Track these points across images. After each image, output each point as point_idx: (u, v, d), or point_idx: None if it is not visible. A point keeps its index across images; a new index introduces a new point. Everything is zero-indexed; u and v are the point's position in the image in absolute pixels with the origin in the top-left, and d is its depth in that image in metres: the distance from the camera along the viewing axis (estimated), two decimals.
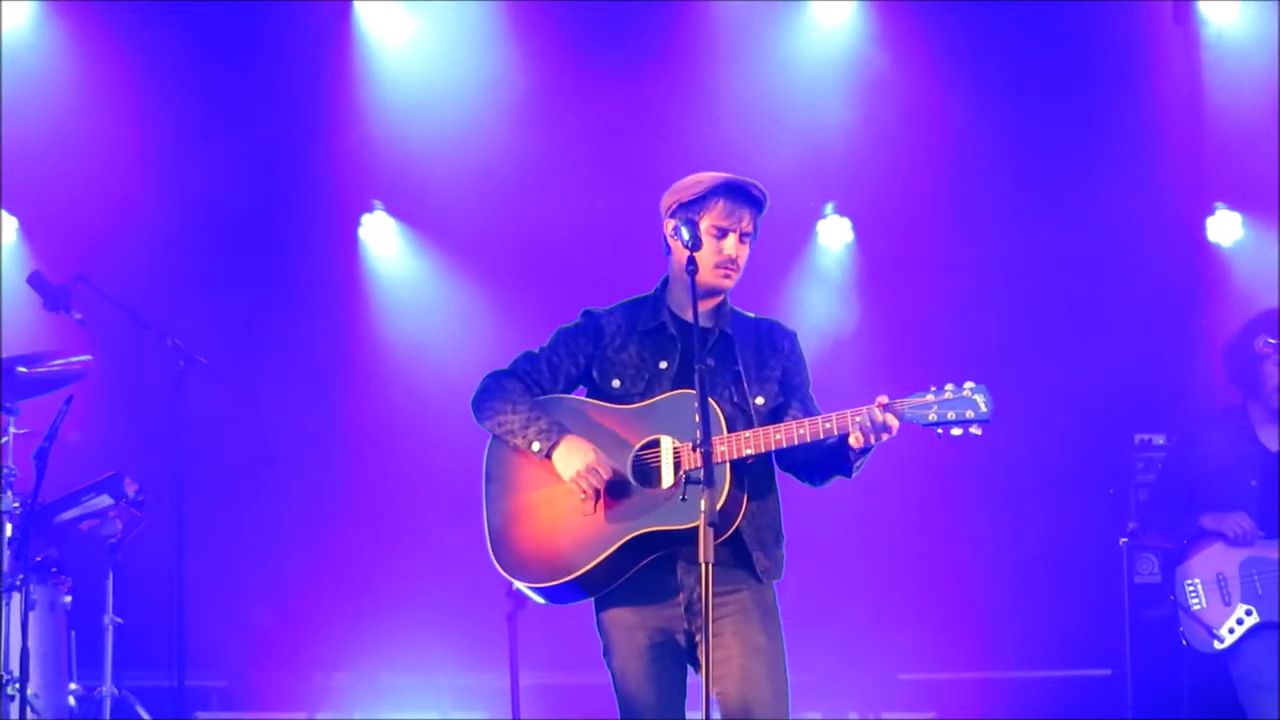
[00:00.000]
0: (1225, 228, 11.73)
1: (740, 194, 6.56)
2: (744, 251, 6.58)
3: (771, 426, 6.42)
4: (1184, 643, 8.88)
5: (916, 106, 11.54)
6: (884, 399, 6.33)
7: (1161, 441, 10.42)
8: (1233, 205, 11.70)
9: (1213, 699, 9.13)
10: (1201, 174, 11.75)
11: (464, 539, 7.77)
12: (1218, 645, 8.74)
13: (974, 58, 11.52)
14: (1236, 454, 8.95)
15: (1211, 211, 11.72)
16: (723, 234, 6.53)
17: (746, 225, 6.56)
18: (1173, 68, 11.73)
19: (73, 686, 9.67)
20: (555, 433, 6.51)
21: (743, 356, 6.61)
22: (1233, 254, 11.72)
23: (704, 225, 6.53)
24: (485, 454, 6.67)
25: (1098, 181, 11.47)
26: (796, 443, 6.39)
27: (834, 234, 11.91)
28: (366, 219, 11.96)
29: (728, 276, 6.54)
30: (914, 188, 11.60)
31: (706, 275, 6.51)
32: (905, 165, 11.55)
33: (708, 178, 6.56)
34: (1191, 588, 8.84)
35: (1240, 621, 8.73)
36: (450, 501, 10.15)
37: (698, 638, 6.24)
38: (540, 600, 6.64)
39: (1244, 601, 8.75)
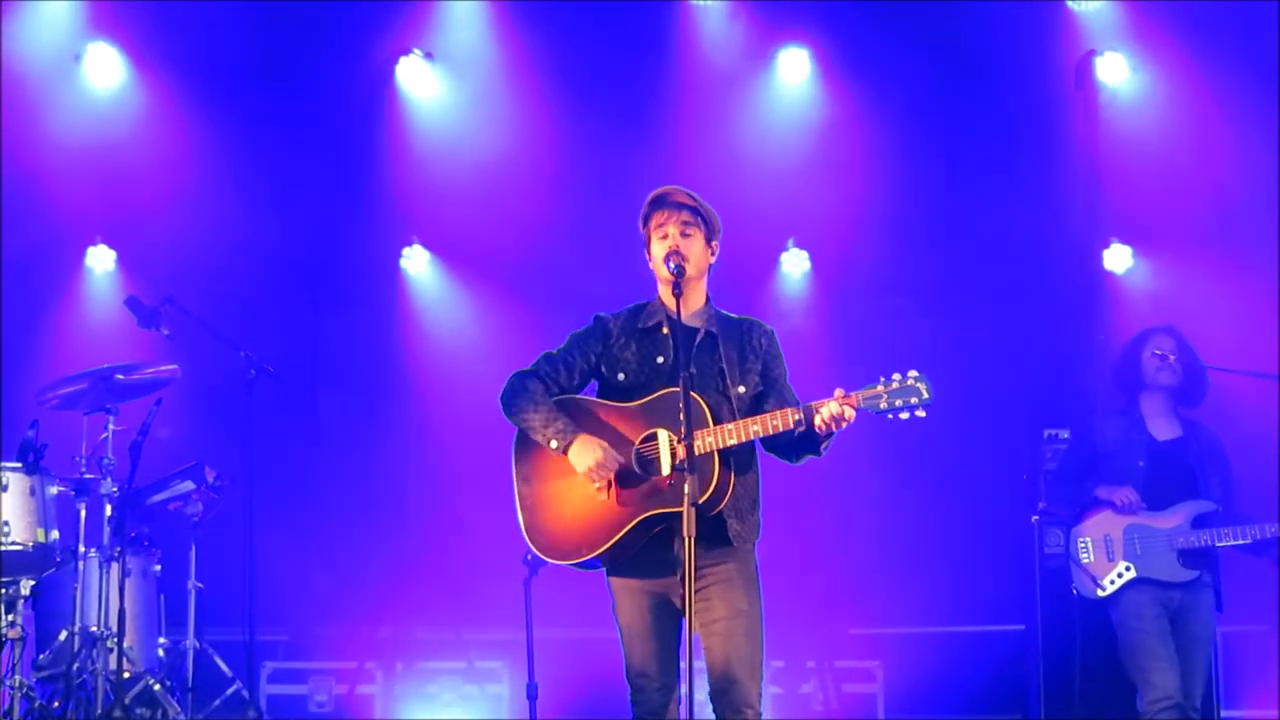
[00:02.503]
0: (1118, 259, 11.69)
1: (661, 202, 6.61)
2: (689, 244, 6.55)
3: (750, 419, 6.38)
4: (1074, 591, 8.93)
5: (863, 156, 11.52)
6: (840, 392, 6.32)
7: (1066, 436, 10.39)
8: (1124, 240, 11.66)
9: (1097, 639, 9.14)
10: (1098, 213, 11.72)
11: (489, 516, 7.76)
12: (1100, 593, 8.79)
13: (911, 115, 11.50)
14: (1129, 439, 9.00)
15: (1107, 245, 11.67)
16: (664, 234, 6.55)
17: (686, 217, 6.56)
18: (1075, 124, 11.69)
19: (161, 640, 9.68)
20: (570, 432, 6.47)
21: (725, 353, 6.57)
22: (1124, 280, 11.68)
23: (653, 234, 6.59)
24: (513, 448, 6.63)
25: (1014, 218, 11.44)
26: (771, 433, 6.37)
27: (795, 264, 11.88)
28: (407, 251, 11.92)
29: (678, 267, 6.46)
30: (861, 225, 11.58)
31: (659, 269, 6.55)
32: (853, 206, 11.54)
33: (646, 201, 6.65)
34: (1083, 544, 8.89)
35: (1120, 575, 8.78)
36: (477, 485, 10.09)
37: (688, 598, 6.17)
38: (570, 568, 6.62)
39: (1125, 559, 8.80)
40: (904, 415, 6.30)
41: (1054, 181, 11.63)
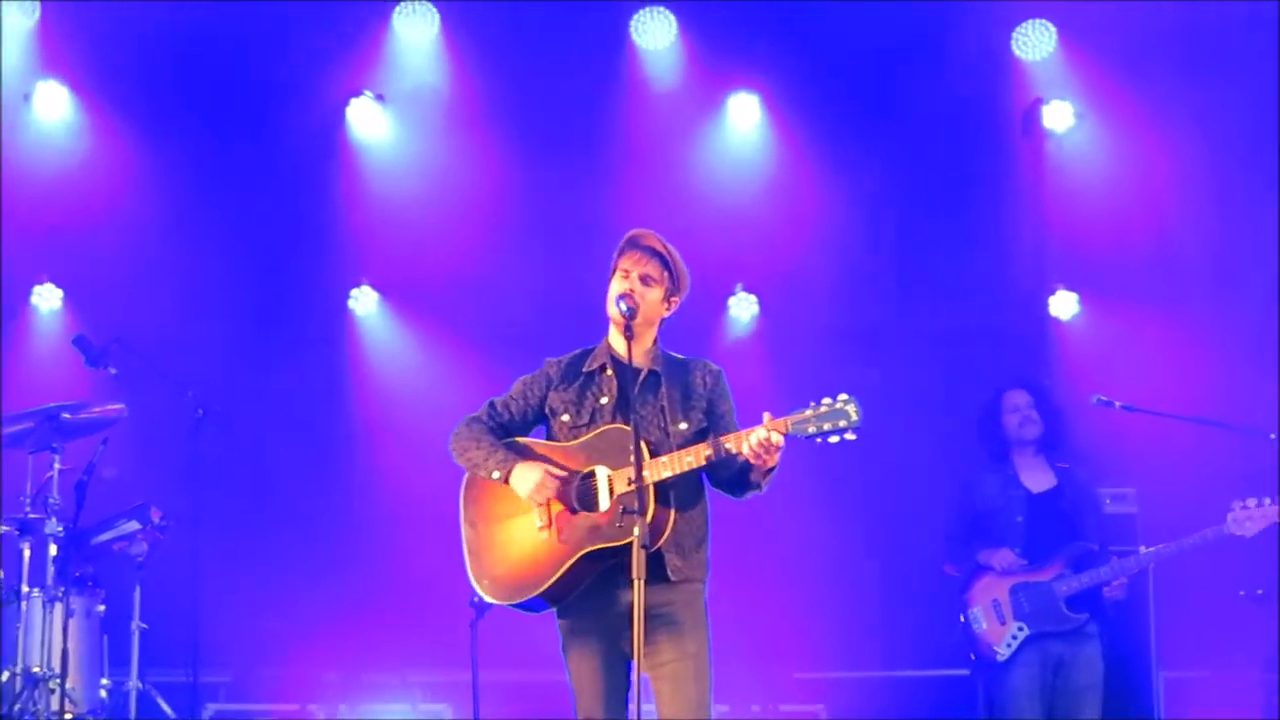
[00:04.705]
0: (1064, 305, 11.79)
1: (634, 243, 6.70)
2: (646, 292, 6.64)
3: (683, 450, 6.45)
4: (972, 657, 9.11)
5: (812, 202, 11.60)
6: (769, 416, 6.40)
7: None
8: (1070, 286, 11.77)
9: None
10: (1044, 260, 11.84)
11: (435, 557, 7.77)
12: (1000, 657, 9.02)
13: (861, 161, 11.58)
14: (1006, 495, 9.28)
15: (1053, 291, 11.78)
16: (626, 275, 6.63)
17: (645, 268, 6.65)
18: (1021, 171, 11.81)
19: (104, 682, 9.62)
20: (510, 461, 6.57)
21: (668, 391, 6.65)
22: (1069, 326, 11.79)
23: (617, 271, 6.67)
24: (461, 492, 6.76)
25: (961, 264, 11.57)
26: (704, 463, 6.44)
27: (743, 308, 11.94)
28: (355, 292, 11.93)
29: (626, 312, 6.54)
30: (809, 270, 11.66)
31: (610, 306, 6.64)
32: (802, 251, 11.63)
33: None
34: (973, 616, 9.11)
35: (1015, 636, 8.99)
36: (424, 527, 10.10)
37: (637, 642, 6.20)
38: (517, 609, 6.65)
39: (1016, 620, 9.00)
40: (833, 439, 6.35)
41: (1001, 228, 11.74)
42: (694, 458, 6.42)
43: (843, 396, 6.37)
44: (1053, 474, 9.32)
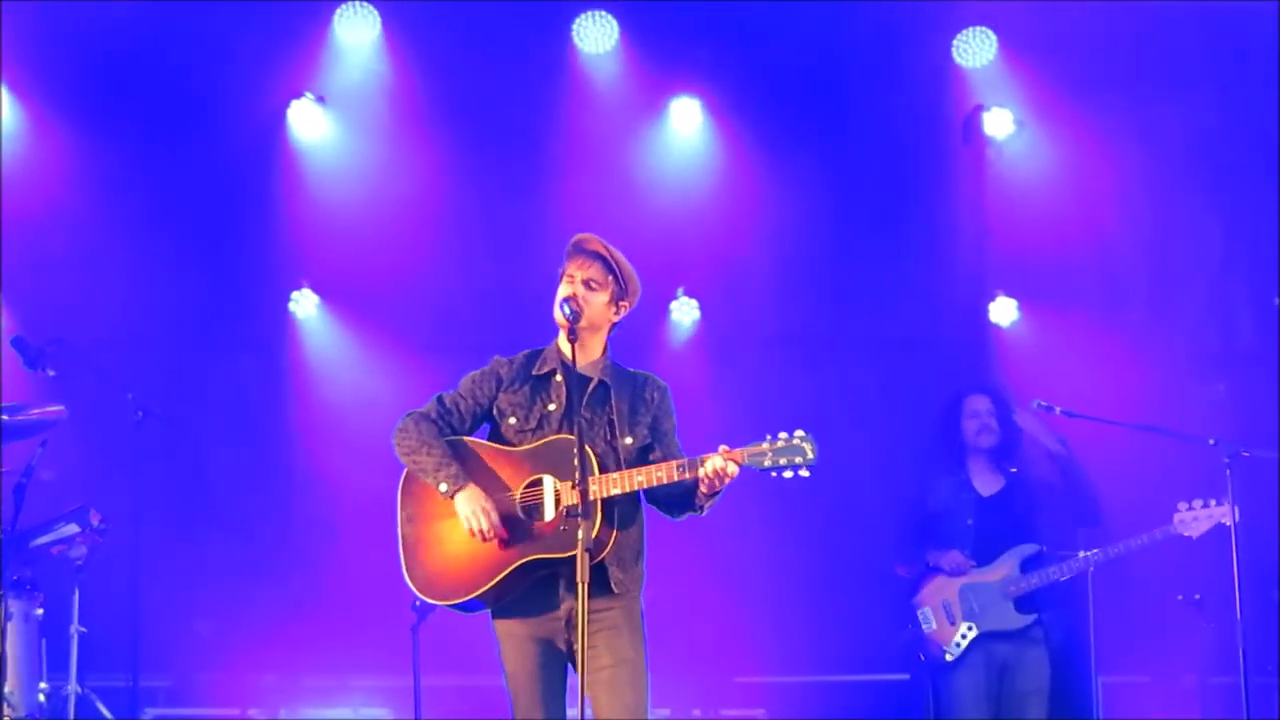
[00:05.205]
0: (1003, 311, 11.87)
1: (579, 247, 6.74)
2: (590, 296, 6.65)
3: (635, 469, 6.47)
4: (921, 658, 9.19)
5: (753, 206, 11.65)
6: (725, 448, 6.41)
7: None
8: (1010, 292, 11.85)
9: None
10: (984, 266, 11.90)
11: (376, 560, 7.75)
12: (949, 657, 9.11)
13: (802, 166, 11.61)
14: (958, 498, 9.39)
15: (993, 298, 11.85)
16: (571, 280, 6.65)
17: (589, 273, 6.67)
18: (962, 178, 11.87)
19: (43, 686, 9.55)
20: (461, 480, 6.54)
21: (616, 404, 6.66)
22: (1009, 332, 11.86)
23: (563, 276, 6.70)
24: (399, 487, 6.70)
25: (902, 270, 11.64)
26: (655, 484, 6.46)
27: (684, 312, 11.96)
28: (296, 294, 11.89)
29: (570, 316, 6.56)
30: (751, 275, 11.71)
31: (555, 310, 6.64)
32: (744, 255, 11.66)
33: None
34: (923, 615, 9.24)
35: (964, 636, 9.12)
36: (365, 531, 10.09)
37: (575, 646, 6.25)
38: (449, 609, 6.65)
39: (965, 620, 9.13)
40: (787, 474, 6.41)
41: (941, 234, 11.80)
42: (645, 478, 6.45)
43: (799, 433, 6.42)
44: (1003, 477, 9.42)
